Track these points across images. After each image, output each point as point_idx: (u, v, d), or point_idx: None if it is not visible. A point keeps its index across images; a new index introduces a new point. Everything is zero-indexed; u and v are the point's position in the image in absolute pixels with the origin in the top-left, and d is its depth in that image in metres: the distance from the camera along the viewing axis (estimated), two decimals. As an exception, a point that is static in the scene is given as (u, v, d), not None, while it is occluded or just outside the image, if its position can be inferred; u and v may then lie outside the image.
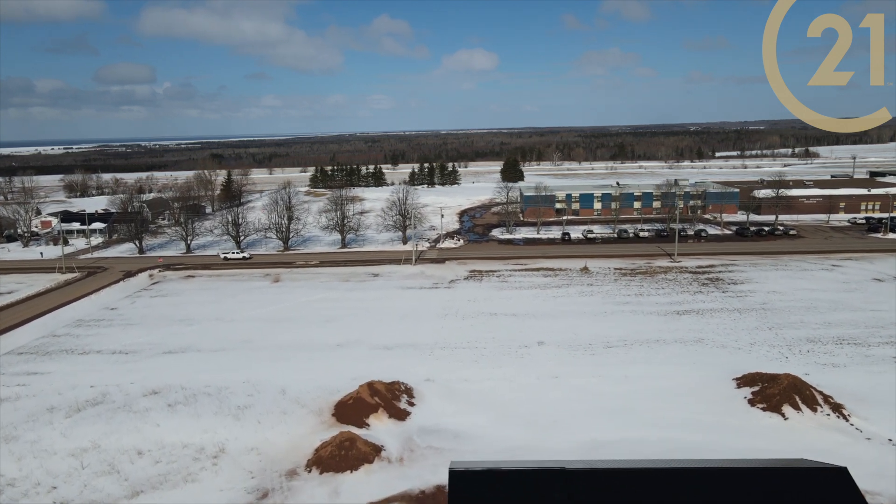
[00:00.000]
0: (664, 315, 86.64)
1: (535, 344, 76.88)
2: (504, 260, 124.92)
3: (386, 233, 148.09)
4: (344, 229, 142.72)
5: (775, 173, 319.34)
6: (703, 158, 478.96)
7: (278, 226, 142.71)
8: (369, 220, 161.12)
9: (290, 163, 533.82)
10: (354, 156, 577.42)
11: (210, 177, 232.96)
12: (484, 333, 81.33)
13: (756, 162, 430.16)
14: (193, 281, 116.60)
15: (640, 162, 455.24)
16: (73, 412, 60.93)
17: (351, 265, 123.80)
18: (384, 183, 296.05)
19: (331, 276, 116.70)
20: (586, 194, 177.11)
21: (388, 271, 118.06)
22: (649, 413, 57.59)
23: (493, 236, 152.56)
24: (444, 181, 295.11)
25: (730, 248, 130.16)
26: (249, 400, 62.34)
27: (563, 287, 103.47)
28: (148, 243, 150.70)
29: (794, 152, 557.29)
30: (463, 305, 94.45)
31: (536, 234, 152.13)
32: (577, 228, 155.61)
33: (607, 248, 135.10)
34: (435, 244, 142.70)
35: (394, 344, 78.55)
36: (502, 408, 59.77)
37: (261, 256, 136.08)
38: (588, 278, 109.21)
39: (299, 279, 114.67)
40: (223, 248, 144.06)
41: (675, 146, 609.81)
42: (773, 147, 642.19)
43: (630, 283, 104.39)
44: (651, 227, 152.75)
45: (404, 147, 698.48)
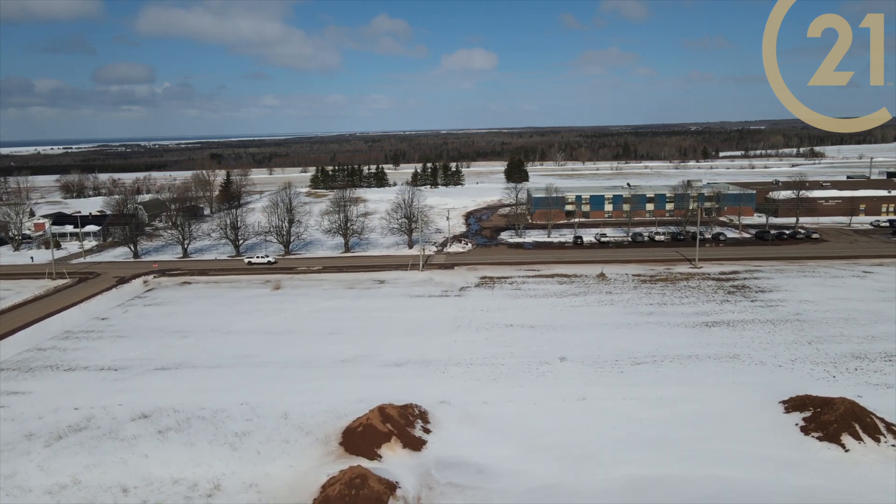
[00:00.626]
0: (692, 327, 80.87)
1: (556, 360, 71.15)
2: (516, 265, 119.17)
3: (391, 236, 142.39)
4: (347, 233, 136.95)
5: (785, 173, 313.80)
6: (709, 158, 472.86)
7: (279, 229, 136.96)
8: (373, 223, 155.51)
9: (290, 163, 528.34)
10: (355, 156, 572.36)
11: (208, 177, 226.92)
12: (500, 348, 75.59)
13: (763, 162, 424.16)
14: (189, 288, 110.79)
15: (645, 162, 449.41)
16: (54, 440, 55.18)
17: (355, 271, 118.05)
18: (386, 183, 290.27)
19: (334, 282, 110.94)
20: (597, 196, 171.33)
21: (394, 278, 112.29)
22: (690, 443, 51.88)
23: (502, 240, 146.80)
24: (448, 182, 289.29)
25: (751, 252, 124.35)
26: (248, 426, 56.61)
27: (580, 295, 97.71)
28: (143, 247, 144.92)
29: (799, 152, 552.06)
30: (476, 316, 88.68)
31: (547, 237, 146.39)
32: (589, 231, 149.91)
33: (622, 252, 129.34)
34: (442, 248, 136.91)
35: (404, 360, 72.79)
36: (528, 436, 54.04)
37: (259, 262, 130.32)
38: (606, 286, 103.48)
39: (301, 286, 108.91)
40: (220, 251, 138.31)
41: (678, 146, 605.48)
42: (776, 147, 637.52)
43: (651, 291, 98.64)
44: (666, 230, 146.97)
45: (405, 147, 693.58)
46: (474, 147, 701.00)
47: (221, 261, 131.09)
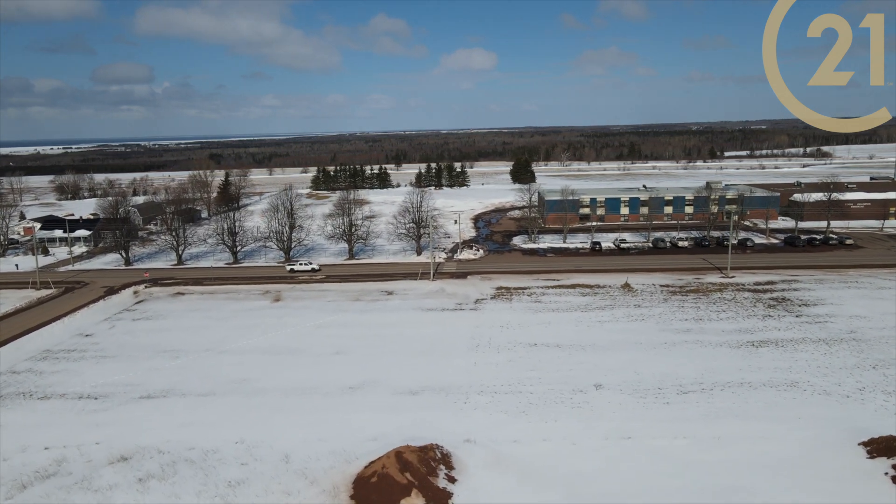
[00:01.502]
0: (738, 347, 72.99)
1: (591, 387, 63.31)
2: (533, 274, 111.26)
3: (398, 242, 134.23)
4: (352, 239, 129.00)
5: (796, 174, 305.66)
6: (715, 158, 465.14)
7: (279, 234, 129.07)
8: (378, 227, 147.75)
9: (291, 163, 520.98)
10: (355, 156, 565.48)
11: (206, 178, 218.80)
12: (526, 372, 67.72)
13: (772, 162, 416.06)
14: (183, 300, 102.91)
15: (652, 162, 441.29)
16: (17, 490, 47.35)
17: (361, 280, 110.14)
18: (389, 185, 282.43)
19: (339, 293, 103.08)
20: (613, 198, 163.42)
21: (403, 288, 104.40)
22: (764, 495, 44.04)
23: (515, 245, 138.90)
24: (453, 183, 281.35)
25: (784, 259, 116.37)
26: (243, 472, 48.75)
27: (606, 309, 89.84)
28: (136, 253, 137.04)
29: (807, 152, 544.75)
30: (495, 333, 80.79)
31: (563, 242, 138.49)
32: (606, 236, 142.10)
33: (644, 259, 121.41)
34: (452, 255, 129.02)
35: (419, 386, 64.94)
36: (570, 484, 46.20)
37: (260, 269, 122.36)
38: (632, 297, 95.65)
39: (303, 298, 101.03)
40: (216, 257, 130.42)
41: (682, 146, 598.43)
42: (780, 147, 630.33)
43: (683, 305, 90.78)
44: (688, 236, 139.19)
45: (405, 147, 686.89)
46: (476, 147, 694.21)
47: (218, 268, 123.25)
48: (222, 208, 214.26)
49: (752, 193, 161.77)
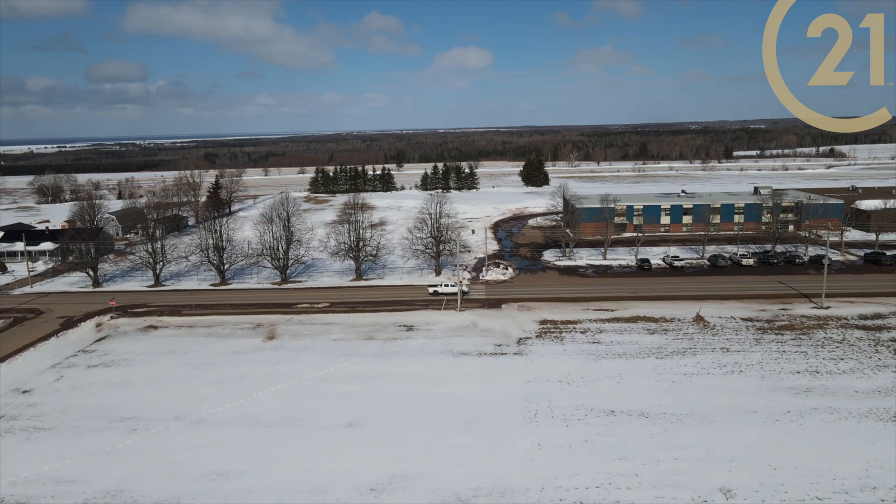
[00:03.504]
0: (892, 419, 54.21)
1: (716, 493, 44.48)
2: (579, 303, 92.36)
3: (412, 259, 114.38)
4: (360, 256, 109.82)
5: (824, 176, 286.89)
6: (731, 158, 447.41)
7: (273, 250, 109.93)
8: (389, 239, 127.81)
9: (287, 162, 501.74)
10: (353, 155, 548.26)
11: (194, 180, 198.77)
12: (614, 463, 48.83)
13: (791, 162, 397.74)
14: (155, 336, 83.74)
15: (666, 162, 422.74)
16: None
17: (372, 310, 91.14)
18: (394, 187, 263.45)
19: (347, 328, 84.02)
20: (652, 206, 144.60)
21: (425, 322, 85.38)
22: None
23: (547, 262, 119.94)
24: (461, 185, 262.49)
25: (878, 283, 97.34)
26: None
27: (687, 354, 71.05)
28: (107, 271, 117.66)
29: (819, 151, 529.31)
30: (555, 392, 61.93)
31: (603, 259, 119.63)
32: (650, 251, 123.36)
33: (706, 282, 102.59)
34: (477, 275, 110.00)
35: (469, 490, 45.96)
36: None
37: (251, 294, 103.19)
38: (712, 335, 76.95)
39: (303, 335, 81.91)
40: (200, 277, 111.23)
41: (688, 145, 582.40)
42: (789, 146, 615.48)
43: (783, 348, 72.02)
44: (747, 250, 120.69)
45: (403, 146, 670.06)
46: (475, 146, 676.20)
47: (202, 292, 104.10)
48: (214, 213, 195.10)
49: (811, 200, 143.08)
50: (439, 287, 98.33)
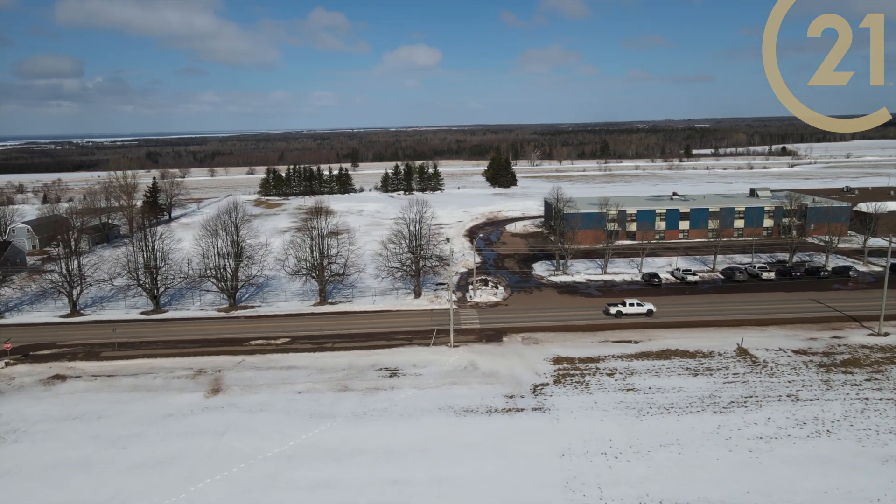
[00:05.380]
0: None
1: None
2: (593, 332, 77.26)
3: (387, 278, 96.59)
4: (324, 275, 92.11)
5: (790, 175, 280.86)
6: (691, 157, 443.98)
7: (219, 270, 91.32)
8: (359, 255, 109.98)
9: (235, 162, 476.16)
10: (304, 154, 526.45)
11: (127, 181, 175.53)
12: None
13: (749, 161, 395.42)
14: (61, 392, 64.54)
15: (629, 161, 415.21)
16: None
17: (344, 346, 73.98)
18: (352, 189, 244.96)
19: (314, 374, 66.60)
20: (646, 210, 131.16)
21: (412, 363, 68.69)
22: None
23: (540, 277, 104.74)
24: (425, 187, 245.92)
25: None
26: None
27: (749, 405, 56.54)
28: (10, 297, 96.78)
29: (771, 150, 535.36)
30: (602, 473, 46.25)
31: (603, 273, 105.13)
32: (651, 262, 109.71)
33: (729, 301, 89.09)
34: (464, 296, 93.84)
35: None
36: None
37: (190, 326, 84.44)
38: (767, 375, 62.96)
39: (258, 385, 64.13)
40: (129, 303, 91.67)
41: (643, 144, 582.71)
42: (740, 144, 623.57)
43: (863, 394, 58.38)
44: (759, 260, 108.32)
45: (356, 145, 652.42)
46: (429, 145, 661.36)
47: (130, 324, 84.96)
48: (150, 221, 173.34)
49: (815, 203, 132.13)
50: (623, 307, 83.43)
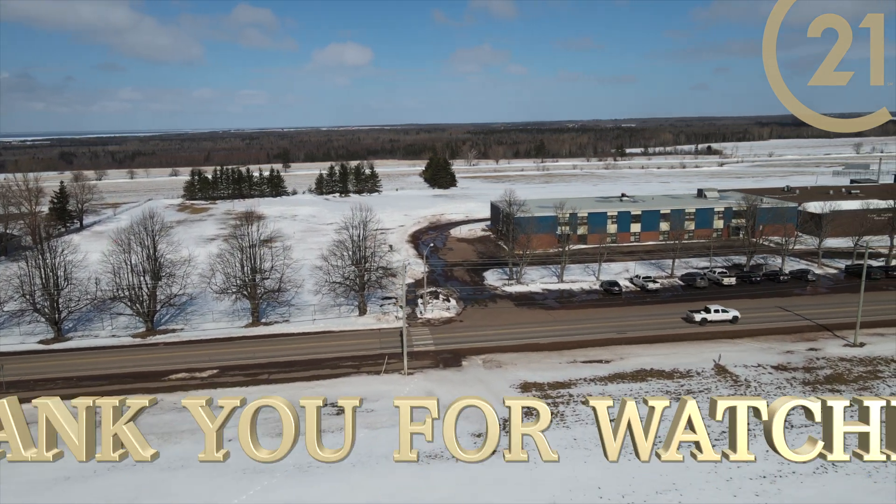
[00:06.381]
0: None
1: None
2: (559, 351, 70.68)
3: (328, 293, 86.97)
4: (257, 293, 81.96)
5: (723, 174, 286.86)
6: (625, 157, 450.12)
7: (134, 290, 79.72)
8: (296, 269, 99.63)
9: (158, 163, 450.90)
10: (232, 154, 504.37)
11: (28, 185, 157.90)
12: None
13: (682, 160, 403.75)
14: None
15: (566, 160, 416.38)
16: None
17: (282, 378, 64.59)
18: (284, 192, 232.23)
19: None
20: (597, 213, 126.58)
21: (362, 396, 60.15)
22: None
23: (494, 287, 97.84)
24: (362, 188, 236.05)
25: (884, 304, 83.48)
26: None
27: (741, 434, 51.04)
28: None
29: (697, 149, 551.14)
30: (600, 536, 39.33)
31: (559, 281, 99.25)
32: (605, 268, 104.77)
33: (688, 308, 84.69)
34: (413, 311, 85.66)
35: None
36: None
37: (98, 357, 72.78)
38: (747, 394, 57.74)
39: (180, 433, 53.98)
40: (27, 329, 78.82)
41: (576, 143, 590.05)
42: (667, 144, 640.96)
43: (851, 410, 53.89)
44: (719, 266, 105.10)
45: (287, 145, 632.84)
46: (362, 145, 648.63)
47: (23, 357, 72.57)
48: (59, 229, 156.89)
49: (763, 204, 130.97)
50: (707, 314, 78.54)
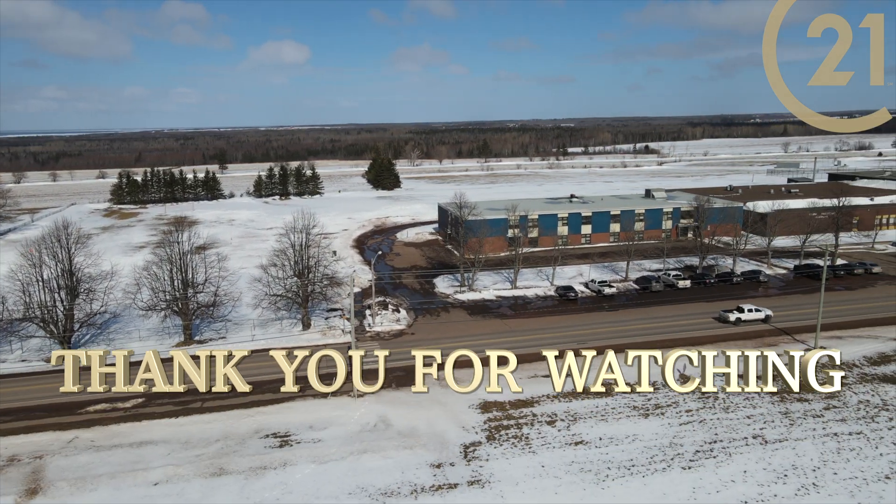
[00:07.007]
0: None
1: None
2: (520, 365, 66.67)
3: (267, 306, 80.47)
4: (190, 309, 74.78)
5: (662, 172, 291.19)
6: (567, 156, 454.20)
7: (47, 309, 71.34)
8: (232, 281, 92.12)
9: (84, 164, 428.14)
10: (165, 155, 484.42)
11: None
12: None
13: (621, 159, 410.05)
14: None
15: (509, 160, 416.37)
16: None
17: (217, 405, 58.23)
18: (221, 194, 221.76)
19: (176, 451, 50.60)
20: (548, 215, 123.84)
21: (308, 424, 54.49)
22: None
23: (445, 295, 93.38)
24: (303, 190, 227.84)
25: (841, 308, 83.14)
26: None
27: (718, 454, 48.32)
28: None
29: (636, 148, 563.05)
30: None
31: (512, 287, 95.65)
32: (559, 272, 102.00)
33: (653, 316, 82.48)
34: (361, 324, 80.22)
35: None
36: None
37: (3, 385, 64.53)
38: (721, 410, 55.67)
39: (96, 477, 47.14)
40: None
41: (518, 142, 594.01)
42: (606, 143, 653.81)
43: (830, 428, 52.43)
44: (672, 268, 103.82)
45: (223, 145, 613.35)
46: (301, 145, 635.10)
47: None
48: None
49: (710, 204, 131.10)
50: (742, 313, 77.12)
